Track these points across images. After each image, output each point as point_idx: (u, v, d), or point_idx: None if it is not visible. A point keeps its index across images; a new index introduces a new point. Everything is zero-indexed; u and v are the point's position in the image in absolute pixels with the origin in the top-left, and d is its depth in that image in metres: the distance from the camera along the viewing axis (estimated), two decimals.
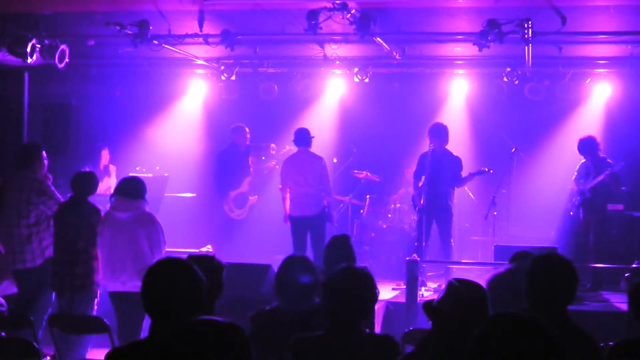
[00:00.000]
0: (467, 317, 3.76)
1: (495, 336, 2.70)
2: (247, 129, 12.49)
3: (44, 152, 8.85)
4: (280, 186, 11.39)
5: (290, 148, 12.99)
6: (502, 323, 2.77)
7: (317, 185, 11.07)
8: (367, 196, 13.33)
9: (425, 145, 11.23)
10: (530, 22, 9.67)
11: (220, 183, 12.47)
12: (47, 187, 8.61)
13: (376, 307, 4.98)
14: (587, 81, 13.07)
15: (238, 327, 2.82)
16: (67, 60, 10.99)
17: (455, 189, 11.39)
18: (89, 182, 8.26)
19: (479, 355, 2.69)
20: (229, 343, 2.77)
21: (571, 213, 11.44)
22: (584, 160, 11.19)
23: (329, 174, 11.31)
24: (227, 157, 12.40)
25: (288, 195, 11.22)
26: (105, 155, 12.52)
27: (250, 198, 12.63)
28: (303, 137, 11.31)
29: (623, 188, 11.15)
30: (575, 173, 11.29)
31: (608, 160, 10.98)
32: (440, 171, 10.94)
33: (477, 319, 3.21)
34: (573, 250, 11.10)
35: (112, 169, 12.59)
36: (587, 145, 11.00)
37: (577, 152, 11.23)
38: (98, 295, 8.19)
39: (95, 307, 8.22)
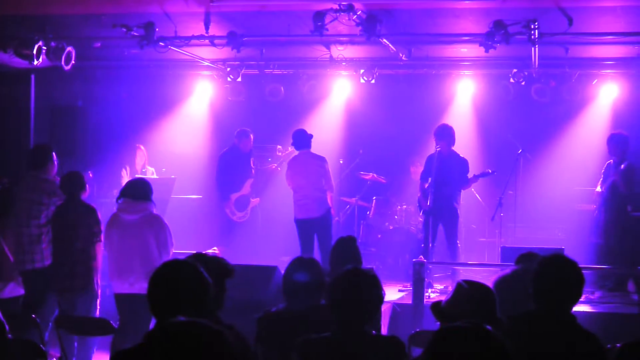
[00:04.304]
0: (475, 319, 3.74)
1: (444, 351, 2.77)
2: (252, 135, 12.45)
3: (54, 154, 8.88)
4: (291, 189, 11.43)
5: (293, 149, 13.00)
6: (449, 336, 2.82)
7: (321, 187, 11.10)
8: (374, 197, 13.33)
9: (432, 147, 11.22)
10: (536, 23, 9.67)
11: (221, 186, 12.45)
12: (57, 188, 8.62)
13: (383, 308, 4.97)
14: (594, 82, 13.02)
15: (223, 333, 2.78)
16: (73, 62, 11.01)
17: (462, 190, 11.37)
18: (78, 181, 8.28)
19: None
20: (214, 347, 2.74)
21: (595, 214, 11.30)
22: (609, 161, 11.07)
23: (330, 173, 11.32)
24: (228, 160, 12.37)
25: None
26: (140, 155, 12.49)
27: (252, 200, 12.61)
28: (302, 140, 11.33)
29: None
30: (602, 176, 11.21)
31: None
32: (447, 173, 10.91)
33: (485, 321, 3.22)
34: (593, 251, 10.98)
35: (150, 171, 12.56)
36: (619, 142, 10.86)
37: (583, 153, 11.17)
38: (99, 295, 8.20)
39: (98, 307, 8.22)
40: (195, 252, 5.02)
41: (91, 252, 8.06)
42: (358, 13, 9.47)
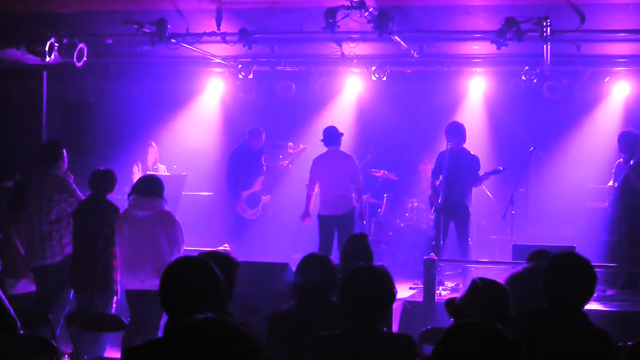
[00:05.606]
0: (489, 316, 3.74)
1: (455, 350, 2.78)
2: (264, 134, 12.44)
3: (64, 150, 8.89)
4: (307, 183, 11.30)
5: (305, 146, 12.98)
6: (459, 334, 2.83)
7: (347, 186, 11.01)
8: (385, 195, 13.31)
9: (443, 144, 11.20)
10: (548, 20, 9.64)
11: (231, 183, 12.45)
12: (68, 185, 8.64)
13: (394, 306, 4.96)
14: (606, 80, 12.98)
15: (248, 333, 2.79)
16: (85, 58, 11.04)
17: (473, 188, 11.34)
18: (108, 179, 8.28)
19: None
20: (237, 343, 2.75)
21: (607, 211, 11.27)
22: (619, 160, 11.03)
23: (359, 171, 11.23)
24: (239, 157, 12.36)
25: (313, 194, 11.17)
26: (152, 152, 12.50)
27: (263, 197, 12.60)
28: (332, 136, 11.19)
29: None
30: (613, 176, 11.16)
31: None
32: (458, 170, 10.89)
33: (499, 318, 3.22)
34: (604, 249, 10.94)
35: (162, 168, 12.55)
36: (629, 140, 10.82)
37: (595, 151, 11.11)
38: (118, 293, 8.21)
39: (114, 306, 8.24)
40: (206, 249, 5.02)
41: (112, 251, 8.08)
42: (370, 10, 9.45)
